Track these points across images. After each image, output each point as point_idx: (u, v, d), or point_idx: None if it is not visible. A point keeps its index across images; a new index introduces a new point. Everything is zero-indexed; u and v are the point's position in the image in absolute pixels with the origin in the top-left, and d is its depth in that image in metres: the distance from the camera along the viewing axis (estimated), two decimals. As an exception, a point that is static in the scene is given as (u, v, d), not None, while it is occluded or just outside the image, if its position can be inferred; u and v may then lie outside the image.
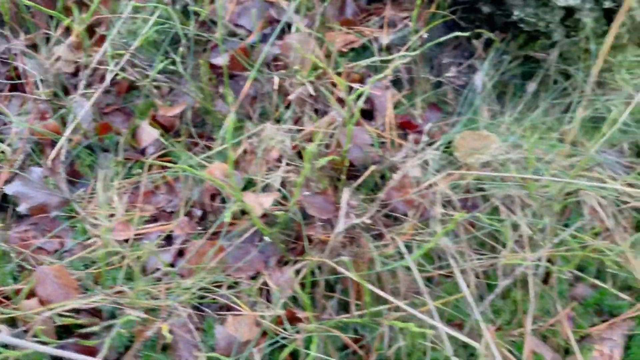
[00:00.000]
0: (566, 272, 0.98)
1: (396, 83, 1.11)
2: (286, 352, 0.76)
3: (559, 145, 1.07)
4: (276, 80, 0.94)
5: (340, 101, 1.03)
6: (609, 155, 1.09)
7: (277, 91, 0.99)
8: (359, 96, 0.84)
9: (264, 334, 0.81)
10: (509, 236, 0.90)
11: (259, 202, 0.79)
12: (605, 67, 1.13)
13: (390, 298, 0.77)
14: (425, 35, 0.97)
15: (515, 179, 0.98)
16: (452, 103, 1.11)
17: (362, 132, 0.93)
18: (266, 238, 0.80)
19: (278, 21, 1.07)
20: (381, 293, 0.77)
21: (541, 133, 1.09)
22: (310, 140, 0.94)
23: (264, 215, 0.83)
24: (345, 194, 0.83)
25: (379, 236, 0.90)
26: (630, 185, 1.02)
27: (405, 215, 0.94)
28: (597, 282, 0.98)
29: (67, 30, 1.12)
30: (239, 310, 0.81)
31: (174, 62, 0.94)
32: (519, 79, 1.13)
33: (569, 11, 0.95)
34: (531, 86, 1.12)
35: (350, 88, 0.93)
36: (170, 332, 0.78)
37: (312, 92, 0.94)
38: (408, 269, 0.91)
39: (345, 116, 0.83)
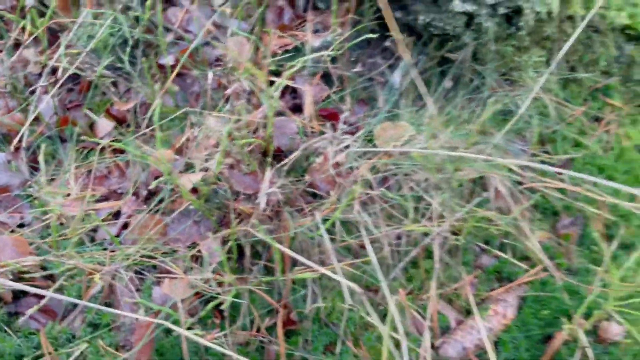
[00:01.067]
0: (473, 243, 1.12)
1: (329, 81, 1.25)
2: (211, 305, 0.88)
3: (471, 135, 1.21)
4: (210, 76, 1.07)
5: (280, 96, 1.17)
6: (515, 144, 1.23)
7: (217, 87, 1.13)
8: (283, 88, 0.98)
9: (197, 294, 0.94)
10: (411, 208, 1.03)
11: (189, 180, 0.92)
12: (513, 66, 1.28)
13: (302, 259, 0.89)
14: (339, 39, 1.10)
15: (432, 165, 1.12)
16: (378, 99, 1.25)
17: (289, 122, 1.06)
18: (195, 209, 0.93)
19: (221, 26, 1.21)
20: (294, 254, 0.89)
21: (457, 125, 1.23)
22: (248, 128, 1.07)
23: (196, 192, 0.96)
24: (268, 173, 0.96)
25: (301, 211, 1.03)
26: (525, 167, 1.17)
27: (328, 193, 1.07)
28: (499, 252, 1.11)
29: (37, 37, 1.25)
30: (175, 274, 0.94)
31: (122, 61, 1.08)
32: (438, 77, 1.28)
33: (470, 16, 1.09)
34: (447, 83, 1.26)
35: (272, 82, 1.07)
36: (113, 291, 0.90)
37: (247, 88, 1.07)
38: (332, 239, 1.05)
39: (269, 107, 0.96)
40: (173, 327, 0.75)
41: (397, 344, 0.99)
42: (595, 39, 1.25)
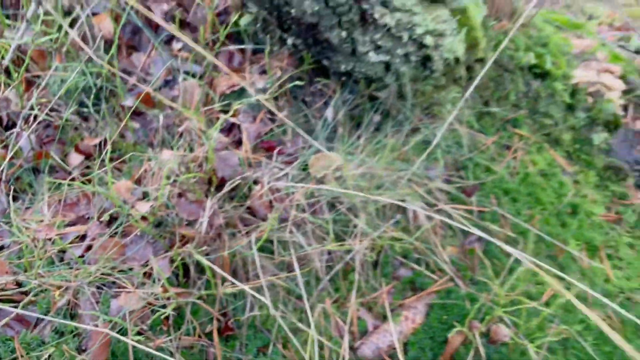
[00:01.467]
0: (393, 258, 1.30)
1: (273, 117, 1.42)
2: (157, 315, 1.05)
3: (395, 163, 1.39)
4: (161, 117, 1.25)
5: (227, 130, 1.35)
6: (433, 170, 1.41)
7: (172, 124, 1.30)
8: (230, 125, 1.15)
9: (149, 305, 1.11)
10: (331, 229, 1.20)
11: (138, 209, 1.09)
12: (433, 102, 1.46)
13: (227, 276, 1.06)
14: (269, 84, 1.28)
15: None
16: (320, 132, 1.43)
17: (232, 155, 1.24)
18: (145, 234, 1.10)
19: (178, 70, 1.38)
20: (221, 272, 1.07)
21: (383, 154, 1.41)
22: (194, 162, 1.25)
23: (146, 218, 1.13)
24: (209, 202, 1.14)
25: (240, 233, 1.21)
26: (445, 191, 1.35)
27: (265, 217, 1.25)
28: (415, 265, 1.29)
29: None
30: (129, 289, 1.11)
31: (86, 105, 1.25)
32: (369, 111, 1.45)
33: (387, 63, 1.27)
34: (376, 117, 1.44)
35: (213, 121, 1.25)
36: (77, 304, 1.07)
37: (201, 126, 1.25)
38: (271, 257, 1.23)
39: (209, 145, 1.13)
40: (118, 336, 0.92)
41: (322, 347, 1.16)
42: (506, 77, 1.43)
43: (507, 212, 1.31)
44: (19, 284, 1.12)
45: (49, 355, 1.04)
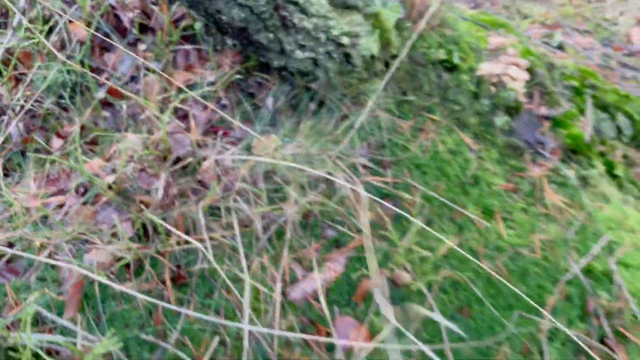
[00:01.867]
0: (323, 221, 1.56)
1: (224, 106, 1.68)
2: (120, 263, 1.31)
3: (327, 144, 1.65)
4: (124, 106, 1.50)
5: (182, 117, 1.60)
6: (360, 149, 1.66)
7: (137, 113, 1.56)
8: (185, 113, 1.41)
9: (114, 257, 1.37)
10: (265, 196, 1.46)
11: (106, 180, 1.35)
12: (360, 92, 1.72)
13: (179, 233, 1.32)
14: (213, 78, 1.54)
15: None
16: (262, 118, 1.69)
17: (185, 137, 1.50)
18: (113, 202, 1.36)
19: (142, 67, 1.64)
20: (173, 229, 1.32)
21: (317, 137, 1.67)
22: (153, 143, 1.50)
23: (112, 188, 1.39)
24: (163, 174, 1.39)
25: (190, 200, 1.46)
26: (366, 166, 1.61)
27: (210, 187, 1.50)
28: (340, 227, 1.54)
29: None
30: (99, 245, 1.37)
31: (64, 98, 1.51)
32: (307, 100, 1.71)
33: (314, 59, 1.53)
34: (312, 106, 1.70)
35: (177, 109, 1.51)
36: (56, 258, 1.33)
37: (156, 114, 1.51)
38: (218, 220, 1.49)
39: (163, 128, 1.39)
40: (88, 272, 1.17)
41: (258, 293, 1.42)
42: (420, 70, 1.69)
43: (417, 183, 1.58)
44: (10, 244, 1.37)
45: (34, 298, 1.30)
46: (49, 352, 1.25)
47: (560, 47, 2.35)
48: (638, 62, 2.40)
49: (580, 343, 1.33)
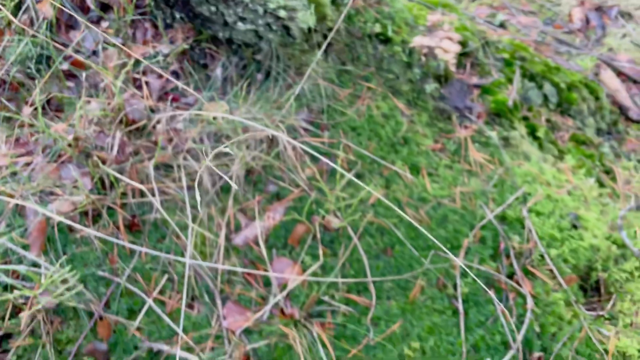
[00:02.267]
0: (266, 178, 1.74)
1: (179, 76, 1.85)
2: (79, 209, 1.49)
3: (272, 110, 1.82)
4: (84, 75, 1.67)
5: (138, 87, 1.77)
6: (300, 114, 1.84)
7: (97, 82, 1.73)
8: (141, 82, 1.59)
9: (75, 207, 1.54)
10: (209, 153, 1.64)
11: (67, 139, 1.52)
12: (302, 63, 1.89)
13: (132, 182, 1.49)
14: (167, 51, 1.71)
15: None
16: (212, 86, 1.86)
17: (140, 103, 1.67)
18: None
19: (104, 42, 1.81)
20: (125, 179, 1.50)
21: (265, 104, 1.84)
22: (112, 109, 1.67)
23: (71, 146, 1.56)
24: (118, 133, 1.57)
25: (145, 158, 1.64)
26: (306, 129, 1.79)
27: (166, 148, 1.68)
28: (281, 182, 1.72)
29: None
30: (63, 196, 1.54)
31: (31, 69, 1.68)
32: (254, 71, 1.88)
33: (256, 31, 1.70)
34: (259, 76, 1.87)
35: (136, 79, 1.68)
36: (23, 208, 1.50)
37: (113, 81, 1.68)
38: (170, 175, 1.66)
39: (117, 93, 1.56)
40: (47, 212, 1.35)
41: (204, 240, 1.60)
42: (357, 43, 1.87)
43: (352, 143, 1.75)
44: (-18, 196, 1.55)
45: (3, 243, 1.47)
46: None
47: (502, 26, 2.53)
48: (574, 39, 2.58)
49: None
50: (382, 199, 1.30)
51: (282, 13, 1.63)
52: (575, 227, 1.71)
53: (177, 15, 1.64)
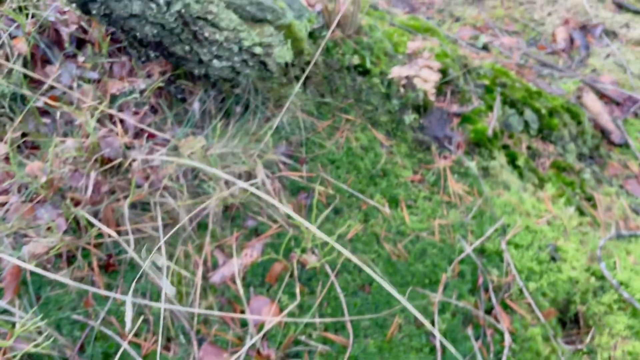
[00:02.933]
0: (245, 213, 1.73)
1: (156, 111, 1.85)
2: (52, 252, 1.48)
3: (252, 144, 1.82)
4: (58, 113, 1.66)
5: (114, 123, 1.77)
6: (280, 147, 1.84)
7: (73, 120, 1.72)
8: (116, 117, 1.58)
9: (50, 249, 1.53)
10: (186, 191, 1.63)
11: (42, 179, 1.51)
12: (282, 96, 1.89)
13: (101, 225, 1.49)
14: (143, 86, 1.71)
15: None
16: (189, 121, 1.86)
17: (115, 140, 1.66)
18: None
19: (79, 77, 1.80)
20: (95, 222, 1.49)
21: (244, 137, 1.84)
22: (87, 147, 1.66)
23: (54, 187, 1.55)
24: (93, 173, 1.56)
25: (120, 197, 1.63)
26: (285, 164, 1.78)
27: (142, 186, 1.67)
28: (259, 217, 1.72)
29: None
30: (36, 238, 1.53)
31: (7, 107, 1.67)
32: (233, 104, 1.88)
33: (233, 67, 1.70)
34: (238, 109, 1.86)
35: (112, 115, 1.67)
36: (-3, 249, 1.50)
37: (87, 120, 1.67)
38: (147, 213, 1.65)
39: (91, 133, 1.55)
40: (19, 262, 1.34)
41: (181, 278, 1.59)
42: (335, 75, 1.86)
43: (330, 176, 1.75)
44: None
45: (-23, 286, 1.46)
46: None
47: (485, 48, 2.53)
48: (558, 60, 2.59)
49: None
50: (336, 246, 1.29)
51: (257, 50, 1.63)
52: (554, 259, 1.71)
53: (152, 54, 1.64)
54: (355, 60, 1.87)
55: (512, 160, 1.96)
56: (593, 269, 1.72)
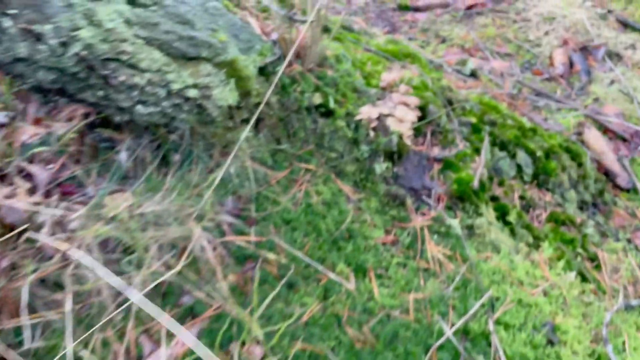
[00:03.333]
0: (179, 287, 1.44)
1: (78, 161, 1.56)
2: None
3: (195, 199, 1.53)
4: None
5: (24, 177, 1.48)
6: (226, 204, 1.55)
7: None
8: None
9: None
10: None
11: None
12: (229, 141, 1.60)
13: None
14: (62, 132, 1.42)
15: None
16: (115, 173, 1.57)
17: (19, 202, 1.37)
18: None
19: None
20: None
21: (184, 191, 1.55)
22: None
23: None
24: (-13, 248, 1.27)
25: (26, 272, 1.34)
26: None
27: (53, 257, 1.38)
28: (195, 292, 1.43)
29: None
30: None
31: None
32: (172, 152, 1.59)
33: (163, 112, 1.41)
34: (176, 157, 1.58)
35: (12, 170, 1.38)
36: None
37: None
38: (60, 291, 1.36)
39: (-16, 197, 1.26)
40: None
41: (99, 371, 1.30)
42: (293, 117, 1.58)
43: (284, 241, 1.46)
44: None
45: None
46: None
47: (473, 75, 2.25)
48: (555, 88, 2.31)
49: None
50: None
51: (192, 93, 1.34)
52: (551, 342, 1.42)
53: (60, 100, 1.35)
54: (317, 99, 1.58)
55: (502, 215, 1.67)
56: (598, 353, 1.43)
